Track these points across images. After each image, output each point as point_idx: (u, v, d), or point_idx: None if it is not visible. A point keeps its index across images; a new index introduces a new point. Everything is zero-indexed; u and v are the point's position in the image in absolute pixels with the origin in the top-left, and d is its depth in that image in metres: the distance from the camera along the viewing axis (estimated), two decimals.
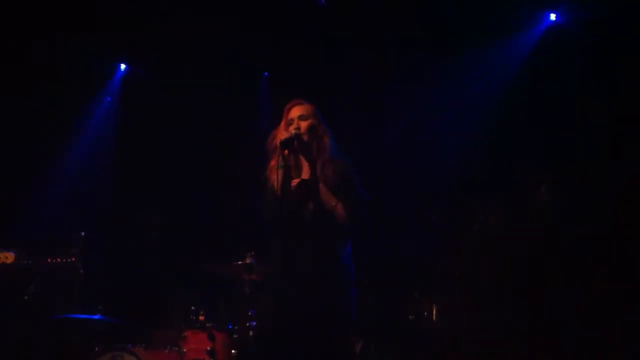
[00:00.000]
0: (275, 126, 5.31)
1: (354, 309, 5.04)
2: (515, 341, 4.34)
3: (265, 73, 10.31)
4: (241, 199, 8.70)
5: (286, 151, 5.02)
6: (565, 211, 4.51)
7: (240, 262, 7.25)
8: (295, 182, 5.07)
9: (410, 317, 7.91)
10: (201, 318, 7.29)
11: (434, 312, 7.64)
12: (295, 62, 9.53)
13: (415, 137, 9.28)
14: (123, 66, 10.25)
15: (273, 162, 5.17)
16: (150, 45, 9.59)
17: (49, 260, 7.55)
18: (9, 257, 7.14)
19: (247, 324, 7.19)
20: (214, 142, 9.87)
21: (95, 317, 7.45)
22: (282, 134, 5.11)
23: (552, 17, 9.07)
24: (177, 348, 7.21)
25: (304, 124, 5.10)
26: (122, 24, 9.17)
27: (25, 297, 7.59)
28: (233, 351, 7.23)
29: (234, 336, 7.27)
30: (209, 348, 7.10)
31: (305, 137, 5.05)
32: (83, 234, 7.58)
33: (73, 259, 7.50)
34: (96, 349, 7.19)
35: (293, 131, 5.04)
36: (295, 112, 5.18)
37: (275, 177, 5.09)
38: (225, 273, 7.55)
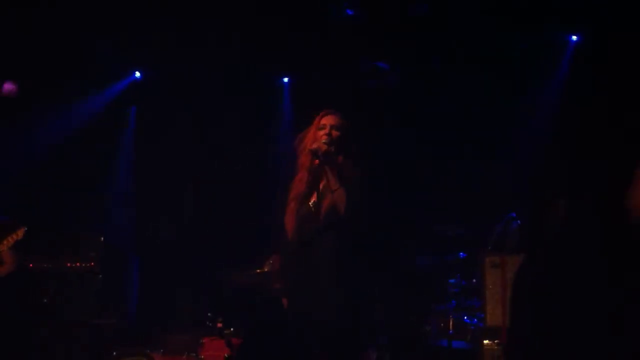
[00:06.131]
0: (301, 131, 5.37)
1: (363, 317, 5.06)
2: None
3: (286, 79, 10.32)
4: (262, 204, 8.74)
5: (317, 160, 5.04)
6: (580, 227, 4.51)
7: (258, 271, 7.26)
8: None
9: (426, 328, 7.93)
10: (219, 325, 7.25)
11: (451, 323, 7.66)
12: (318, 70, 9.57)
13: (433, 150, 9.31)
14: (138, 73, 10.23)
15: (302, 161, 5.25)
16: (167, 52, 9.57)
17: (67, 264, 7.56)
18: (19, 233, 7.10)
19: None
20: (233, 149, 9.89)
21: (114, 321, 7.45)
22: (312, 141, 5.13)
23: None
24: (194, 354, 7.20)
25: (335, 134, 5.13)
26: (139, 30, 9.13)
27: (44, 300, 7.59)
28: None
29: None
30: (226, 355, 7.07)
31: (333, 148, 5.06)
32: (102, 239, 7.60)
33: (92, 263, 7.52)
34: (114, 353, 7.19)
35: (324, 139, 5.04)
36: (329, 120, 5.21)
37: (299, 181, 5.23)
38: (244, 281, 7.54)
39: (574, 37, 9.23)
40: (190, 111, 9.94)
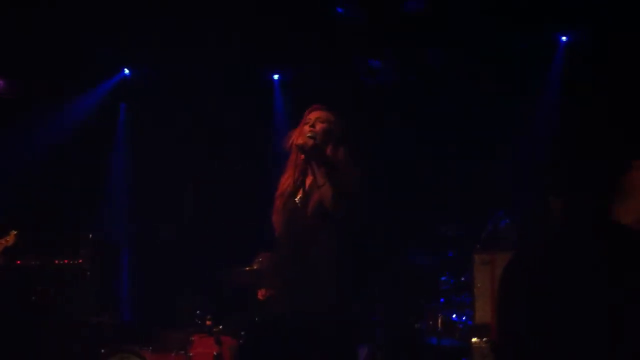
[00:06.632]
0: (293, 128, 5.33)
1: (353, 312, 5.03)
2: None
3: (276, 76, 10.31)
4: (262, 204, 8.74)
5: (302, 155, 5.02)
6: (580, 226, 4.45)
7: (247, 268, 7.25)
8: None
9: (416, 325, 7.91)
10: (208, 323, 7.23)
11: (440, 321, 7.63)
12: (318, 70, 9.57)
13: (427, 148, 9.29)
14: (127, 70, 10.23)
15: (291, 158, 5.20)
16: (167, 51, 9.57)
17: (56, 261, 7.58)
18: (9, 239, 7.14)
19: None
20: (233, 149, 9.91)
21: (104, 318, 7.45)
22: (299, 136, 5.11)
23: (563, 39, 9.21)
24: (183, 352, 7.19)
25: (320, 125, 5.03)
26: (139, 30, 9.15)
27: (33, 298, 7.61)
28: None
29: (241, 341, 7.26)
30: (215, 353, 7.05)
31: (318, 139, 4.98)
32: (91, 236, 7.61)
33: (81, 260, 7.54)
34: (103, 350, 7.20)
35: (309, 134, 5.02)
36: (315, 114, 5.11)
37: (286, 178, 5.16)
38: (234, 279, 7.52)
39: (565, 38, 9.22)
40: (190, 111, 9.94)
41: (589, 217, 4.27)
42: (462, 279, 7.64)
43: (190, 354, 7.15)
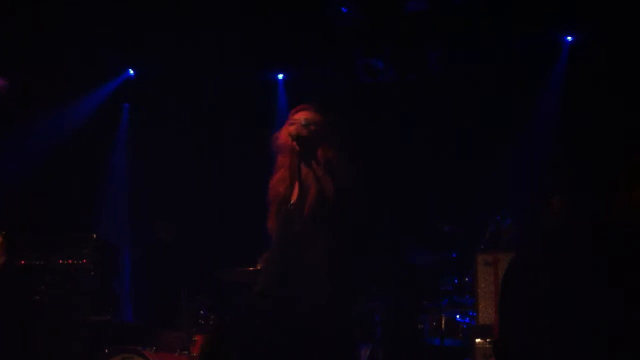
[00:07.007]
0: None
1: (353, 311, 5.01)
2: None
3: (281, 76, 10.30)
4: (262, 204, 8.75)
5: (295, 144, 4.91)
6: (580, 225, 4.45)
7: (251, 269, 7.24)
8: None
9: (419, 325, 7.91)
10: (211, 322, 7.24)
11: (443, 321, 7.63)
12: (318, 70, 9.57)
13: (433, 150, 9.30)
14: (131, 71, 10.23)
15: (280, 160, 5.17)
16: (167, 51, 9.57)
17: (60, 261, 7.58)
18: None
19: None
20: (233, 149, 9.90)
21: (106, 318, 7.45)
22: (282, 134, 5.07)
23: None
24: (186, 352, 7.20)
25: (310, 127, 4.98)
26: (139, 30, 9.15)
27: (37, 297, 7.61)
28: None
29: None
30: None
31: (305, 133, 4.93)
32: (95, 236, 7.60)
33: (85, 260, 7.54)
34: (106, 350, 7.20)
35: (303, 122, 4.97)
36: (301, 114, 5.07)
37: (278, 181, 5.13)
38: (235, 279, 7.50)
39: (570, 38, 9.17)
40: (190, 111, 9.94)
41: (589, 217, 4.26)
42: (467, 279, 7.64)
43: (193, 354, 7.16)
